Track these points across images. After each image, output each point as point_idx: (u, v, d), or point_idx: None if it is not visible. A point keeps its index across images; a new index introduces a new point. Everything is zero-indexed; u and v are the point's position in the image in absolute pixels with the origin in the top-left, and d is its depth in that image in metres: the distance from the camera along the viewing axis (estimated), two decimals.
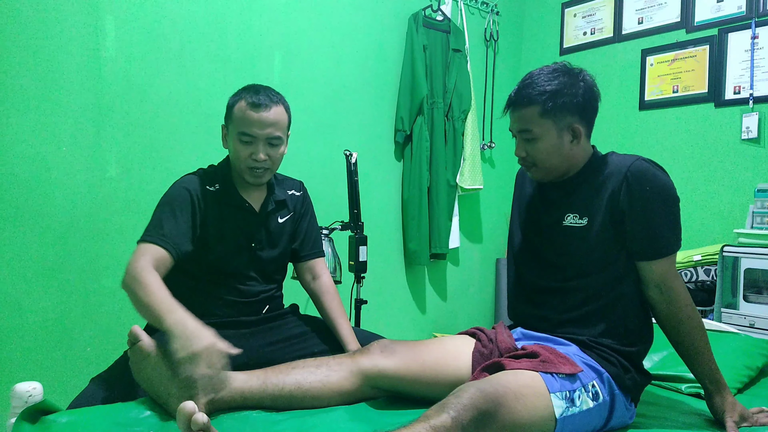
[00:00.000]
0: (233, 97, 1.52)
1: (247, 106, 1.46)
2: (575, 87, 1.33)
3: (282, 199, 1.63)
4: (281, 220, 1.62)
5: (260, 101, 1.47)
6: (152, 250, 1.36)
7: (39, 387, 1.15)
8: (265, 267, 1.58)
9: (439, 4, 3.01)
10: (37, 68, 1.91)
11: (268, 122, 1.47)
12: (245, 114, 1.46)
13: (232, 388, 1.23)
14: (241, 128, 1.47)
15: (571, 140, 1.35)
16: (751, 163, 2.58)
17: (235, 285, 1.52)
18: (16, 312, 1.89)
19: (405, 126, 2.86)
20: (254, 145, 1.48)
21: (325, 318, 1.65)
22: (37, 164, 1.92)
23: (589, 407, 1.21)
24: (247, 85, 1.55)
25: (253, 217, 1.56)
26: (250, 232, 1.55)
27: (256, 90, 1.50)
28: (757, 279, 2.28)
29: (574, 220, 1.37)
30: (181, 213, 1.45)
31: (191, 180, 1.53)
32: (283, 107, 1.52)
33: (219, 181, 1.55)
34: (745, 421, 1.30)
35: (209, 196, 1.51)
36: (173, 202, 1.46)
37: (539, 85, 1.33)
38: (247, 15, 2.37)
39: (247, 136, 1.47)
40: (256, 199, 1.58)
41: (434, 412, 1.04)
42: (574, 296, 1.36)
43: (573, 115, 1.34)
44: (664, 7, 2.90)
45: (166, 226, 1.41)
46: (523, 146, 1.39)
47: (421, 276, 3.11)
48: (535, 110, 1.33)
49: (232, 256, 1.52)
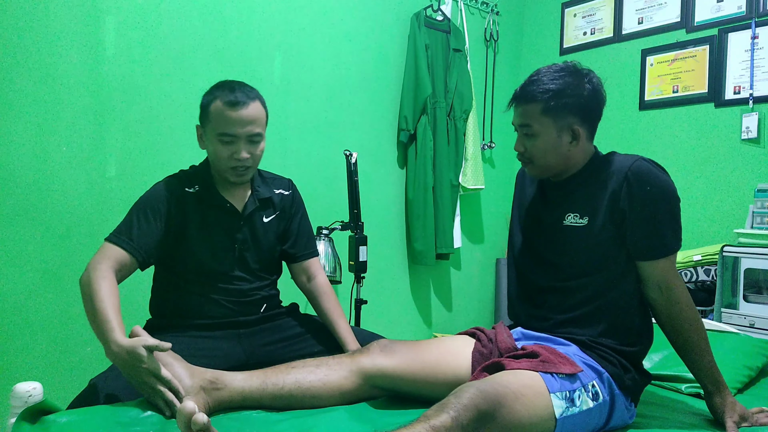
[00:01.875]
0: (207, 96, 1.47)
1: (224, 105, 1.42)
2: (580, 88, 1.33)
3: (266, 197, 1.59)
4: (266, 220, 1.59)
5: (237, 99, 1.42)
6: (115, 253, 1.37)
7: (39, 387, 1.15)
8: (251, 267, 1.56)
9: (439, 4, 3.01)
10: (37, 68, 1.91)
11: (248, 120, 1.43)
12: (223, 113, 1.42)
13: (232, 388, 1.23)
14: (220, 128, 1.43)
15: (570, 141, 1.35)
16: (751, 163, 2.58)
17: (224, 285, 1.51)
18: (16, 312, 1.89)
19: (409, 125, 2.86)
20: (235, 145, 1.44)
21: (323, 319, 1.64)
22: (37, 164, 1.92)
23: (589, 407, 1.20)
24: (219, 82, 1.49)
25: (236, 217, 1.53)
26: (232, 232, 1.53)
27: (231, 87, 1.45)
28: (757, 279, 2.28)
29: (574, 220, 1.37)
30: (153, 217, 1.43)
31: (169, 183, 1.51)
32: (260, 102, 1.48)
33: (198, 182, 1.52)
34: (745, 421, 1.30)
35: (188, 198, 1.49)
36: (146, 206, 1.44)
37: (544, 82, 1.33)
38: (247, 15, 2.37)
39: (228, 135, 1.43)
40: (239, 199, 1.55)
41: (434, 412, 1.04)
42: (574, 296, 1.36)
43: (574, 116, 1.33)
44: (664, 7, 2.90)
45: (135, 230, 1.41)
46: (523, 141, 1.39)
47: (421, 276, 3.10)
48: (537, 107, 1.33)
49: (216, 257, 1.50)
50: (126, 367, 1.17)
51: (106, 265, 1.33)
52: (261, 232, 1.57)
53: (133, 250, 1.39)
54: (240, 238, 1.53)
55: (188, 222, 1.48)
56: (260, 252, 1.57)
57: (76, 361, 1.97)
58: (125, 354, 1.15)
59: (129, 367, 1.16)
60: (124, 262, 1.37)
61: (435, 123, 2.94)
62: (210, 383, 1.21)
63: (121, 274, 1.37)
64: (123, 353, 1.15)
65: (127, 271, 1.39)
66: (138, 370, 1.15)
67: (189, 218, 1.49)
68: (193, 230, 1.49)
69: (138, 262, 1.40)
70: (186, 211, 1.48)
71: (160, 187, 1.50)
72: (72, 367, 1.97)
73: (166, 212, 1.46)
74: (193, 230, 1.49)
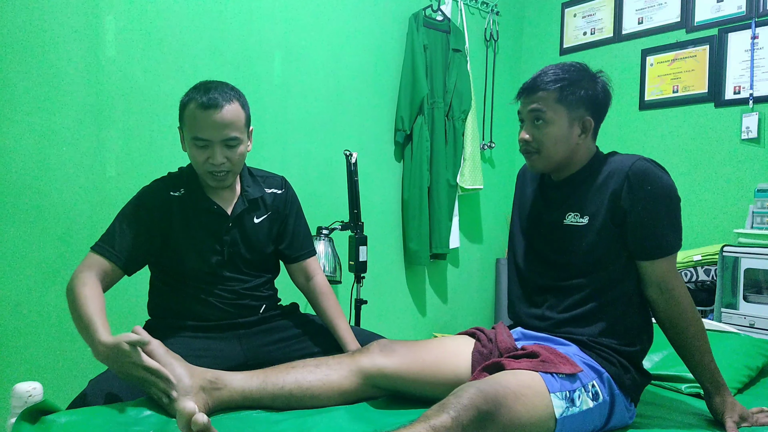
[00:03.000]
0: (184, 97, 1.41)
1: (197, 107, 1.36)
2: (594, 82, 1.36)
3: (255, 197, 1.54)
4: (257, 220, 1.55)
5: (210, 102, 1.35)
6: (99, 262, 1.37)
7: (39, 387, 1.15)
8: (243, 268, 1.53)
9: (439, 4, 3.01)
10: (38, 68, 1.91)
11: (222, 123, 1.36)
12: (196, 116, 1.36)
13: (232, 388, 1.23)
14: (193, 132, 1.38)
15: (580, 133, 1.36)
16: (751, 163, 2.58)
17: (216, 287, 1.49)
18: (16, 312, 1.89)
19: (405, 126, 2.86)
20: (210, 149, 1.38)
21: (322, 319, 1.63)
22: (37, 164, 1.92)
23: (589, 407, 1.21)
24: (198, 82, 1.43)
25: (224, 218, 1.49)
26: (220, 234, 1.49)
27: (207, 88, 1.38)
28: (757, 279, 2.28)
29: (574, 220, 1.36)
30: (136, 224, 1.42)
31: (153, 188, 1.49)
32: (239, 103, 1.41)
33: (184, 185, 1.49)
34: (745, 421, 1.30)
35: (174, 202, 1.46)
36: (129, 214, 1.44)
37: (558, 74, 1.34)
38: (247, 15, 2.37)
39: (201, 140, 1.37)
40: (227, 201, 1.51)
41: (434, 412, 1.04)
42: (574, 295, 1.36)
43: (587, 108, 1.35)
44: (664, 7, 2.90)
45: (118, 239, 1.40)
46: (531, 129, 1.37)
47: (421, 276, 3.10)
48: (551, 95, 1.33)
49: (203, 260, 1.48)
50: (115, 365, 1.18)
51: (88, 273, 1.34)
52: (251, 233, 1.54)
53: (115, 258, 1.38)
54: (228, 240, 1.50)
55: (173, 226, 1.46)
56: (252, 253, 1.54)
57: (76, 361, 1.97)
58: (110, 352, 1.16)
59: (117, 363, 1.17)
60: (107, 270, 1.37)
61: (433, 123, 2.94)
62: (210, 383, 1.21)
63: (105, 282, 1.37)
64: (108, 351, 1.16)
65: (111, 279, 1.39)
66: (126, 366, 1.16)
67: (174, 222, 1.46)
68: (178, 234, 1.46)
69: (121, 270, 1.40)
70: (171, 215, 1.46)
71: (144, 192, 1.49)
72: (72, 367, 1.96)
73: (149, 219, 1.44)
74: (179, 233, 1.46)
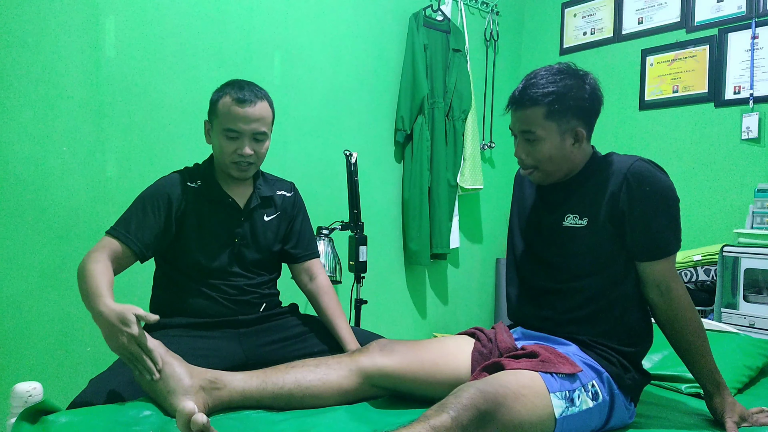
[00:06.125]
0: (217, 93, 1.52)
1: (233, 101, 1.47)
2: (581, 90, 1.32)
3: (268, 195, 1.62)
4: (267, 218, 1.62)
5: (245, 97, 1.47)
6: (112, 244, 1.40)
7: (39, 387, 1.15)
8: (249, 264, 1.57)
9: (439, 4, 3.01)
10: (38, 68, 1.91)
11: (254, 117, 1.48)
12: (230, 110, 1.47)
13: (232, 388, 1.23)
14: (226, 124, 1.48)
15: (573, 143, 1.34)
16: (751, 163, 2.58)
17: (221, 281, 1.52)
18: (16, 312, 1.89)
19: (405, 125, 2.86)
20: (240, 141, 1.48)
21: (323, 318, 1.64)
22: (37, 164, 1.92)
23: (589, 407, 1.21)
24: (230, 80, 1.54)
25: (237, 212, 1.56)
26: (232, 227, 1.55)
27: (241, 86, 1.50)
28: (757, 279, 2.28)
29: (574, 221, 1.36)
30: (152, 211, 1.46)
31: (172, 178, 1.54)
32: (267, 102, 1.53)
33: (201, 177, 1.56)
34: (745, 421, 1.30)
35: (190, 193, 1.53)
36: (147, 200, 1.48)
37: (544, 86, 1.30)
38: (247, 15, 2.37)
39: (233, 131, 1.47)
40: (241, 195, 1.58)
41: (434, 412, 1.03)
42: (574, 297, 1.36)
43: (578, 118, 1.32)
44: (664, 7, 2.90)
45: (134, 223, 1.44)
46: (524, 147, 1.37)
47: (421, 276, 3.10)
48: (539, 111, 1.31)
49: (213, 252, 1.52)
50: (110, 330, 1.18)
51: (101, 253, 1.37)
52: (261, 230, 1.59)
53: (130, 241, 1.41)
54: (240, 233, 1.56)
55: (188, 216, 1.51)
56: (259, 249, 1.59)
57: (76, 361, 1.97)
58: (114, 316, 1.17)
59: (113, 330, 1.17)
60: (120, 252, 1.40)
61: (433, 123, 2.94)
62: (210, 383, 1.21)
63: (118, 263, 1.39)
64: (112, 315, 1.18)
65: (124, 262, 1.42)
66: (121, 334, 1.16)
67: (189, 212, 1.51)
68: (192, 224, 1.51)
69: (135, 254, 1.43)
70: (187, 204, 1.51)
71: (163, 181, 1.53)
72: (72, 367, 1.96)
73: (167, 206, 1.48)
74: (193, 224, 1.51)
